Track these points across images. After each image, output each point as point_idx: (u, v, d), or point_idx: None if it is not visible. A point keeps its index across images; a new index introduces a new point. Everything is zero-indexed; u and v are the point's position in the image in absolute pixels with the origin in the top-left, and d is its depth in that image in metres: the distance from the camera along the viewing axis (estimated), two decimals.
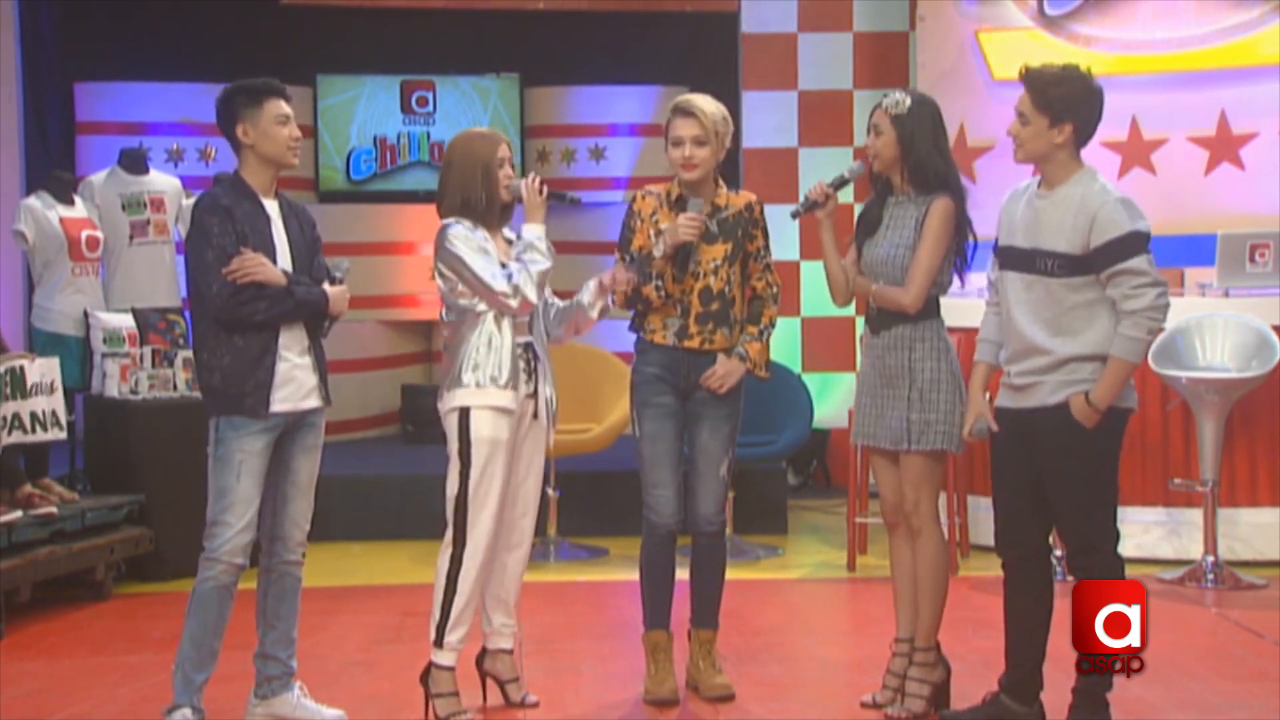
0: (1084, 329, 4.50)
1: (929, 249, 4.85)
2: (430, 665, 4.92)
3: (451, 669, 4.91)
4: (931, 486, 4.97)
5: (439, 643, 4.89)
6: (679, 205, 5.13)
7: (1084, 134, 4.57)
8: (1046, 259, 4.52)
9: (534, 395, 4.99)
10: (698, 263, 5.09)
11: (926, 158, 4.87)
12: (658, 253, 5.05)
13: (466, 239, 4.88)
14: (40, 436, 6.55)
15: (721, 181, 5.21)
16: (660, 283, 5.06)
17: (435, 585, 4.90)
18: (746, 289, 5.22)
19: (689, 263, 5.08)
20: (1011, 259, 4.63)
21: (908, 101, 4.91)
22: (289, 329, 4.73)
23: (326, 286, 4.81)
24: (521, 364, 4.93)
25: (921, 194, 4.90)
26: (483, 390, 4.85)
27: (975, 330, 4.86)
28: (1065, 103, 4.51)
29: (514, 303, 4.86)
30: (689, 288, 5.10)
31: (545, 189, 5.02)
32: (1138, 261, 4.43)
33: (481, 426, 4.85)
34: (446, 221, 4.95)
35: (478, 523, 4.85)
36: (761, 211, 5.23)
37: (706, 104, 5.11)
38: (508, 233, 5.08)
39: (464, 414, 4.85)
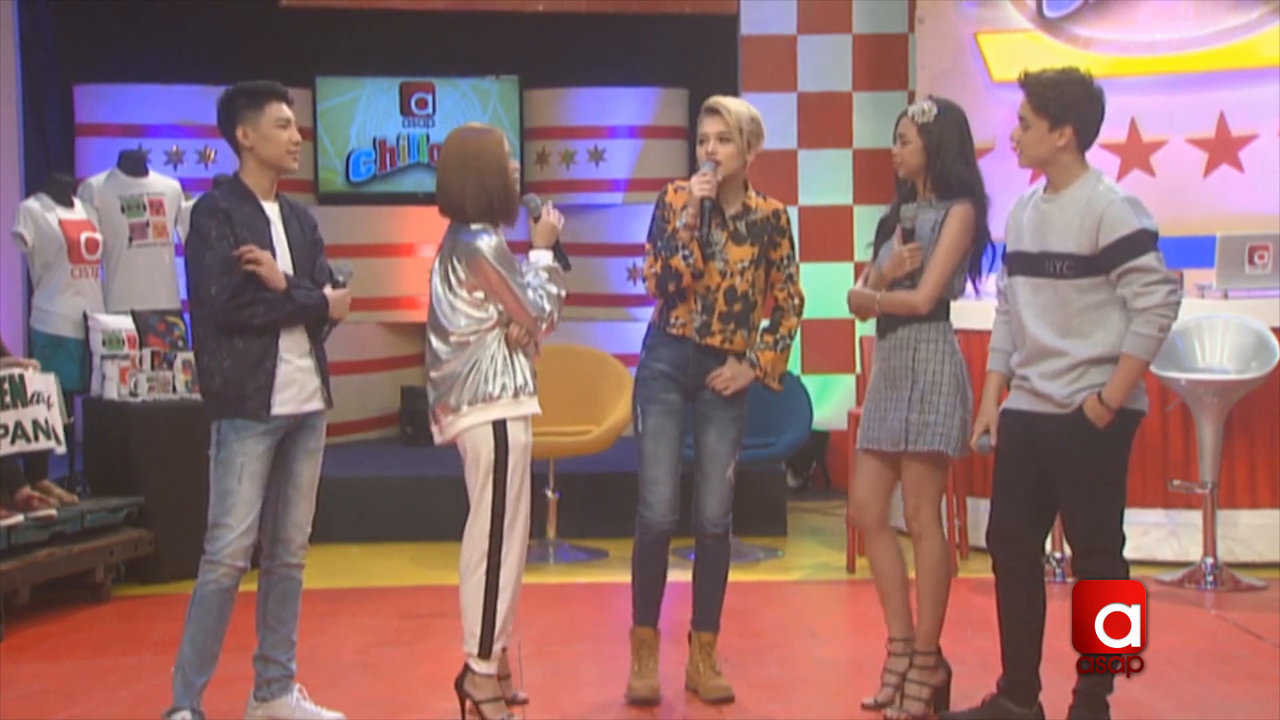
0: (1094, 330, 4.50)
1: (944, 253, 4.85)
2: (468, 671, 4.85)
3: (494, 675, 4.87)
4: (932, 491, 4.95)
5: (485, 655, 4.82)
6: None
7: (1086, 136, 4.56)
8: (1055, 261, 4.51)
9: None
10: (726, 261, 5.09)
11: (952, 166, 4.87)
12: (682, 222, 5.01)
13: (500, 254, 4.80)
14: (41, 445, 6.52)
15: (751, 186, 5.20)
16: (689, 253, 5.03)
17: (467, 601, 4.81)
18: (768, 298, 5.21)
19: (713, 220, 5.03)
20: (1020, 264, 4.63)
21: (934, 110, 4.89)
22: (289, 332, 4.72)
23: (327, 290, 4.80)
24: (531, 368, 4.93)
25: (943, 200, 4.90)
26: (518, 401, 4.83)
27: (986, 333, 4.85)
28: (1064, 105, 4.51)
29: (544, 326, 4.86)
30: (716, 285, 5.09)
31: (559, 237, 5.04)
32: (1147, 259, 4.43)
33: (517, 434, 4.83)
34: (476, 229, 4.83)
35: (514, 531, 4.81)
36: (788, 220, 5.21)
37: (734, 103, 5.12)
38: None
39: (499, 426, 4.80)
